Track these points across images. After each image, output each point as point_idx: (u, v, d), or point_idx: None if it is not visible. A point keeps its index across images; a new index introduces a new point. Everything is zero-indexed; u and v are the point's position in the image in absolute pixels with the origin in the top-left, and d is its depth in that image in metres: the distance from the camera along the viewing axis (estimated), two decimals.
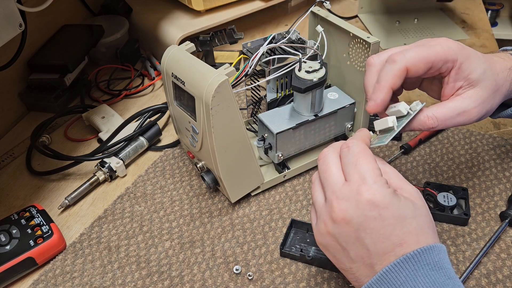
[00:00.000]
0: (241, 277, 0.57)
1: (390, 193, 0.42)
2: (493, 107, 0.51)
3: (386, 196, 0.41)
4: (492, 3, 1.83)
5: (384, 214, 0.41)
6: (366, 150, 0.45)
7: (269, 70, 0.64)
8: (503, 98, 0.53)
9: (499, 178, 0.67)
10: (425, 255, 0.40)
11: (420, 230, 0.42)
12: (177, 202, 0.67)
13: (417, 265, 0.40)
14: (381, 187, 0.42)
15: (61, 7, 0.93)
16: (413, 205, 0.43)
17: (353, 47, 0.66)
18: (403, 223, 0.41)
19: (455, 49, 0.49)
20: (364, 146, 0.45)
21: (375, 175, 0.43)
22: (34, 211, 0.63)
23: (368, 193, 0.42)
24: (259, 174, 0.64)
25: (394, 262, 0.40)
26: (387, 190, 0.42)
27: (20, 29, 0.64)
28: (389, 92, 0.49)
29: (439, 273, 0.40)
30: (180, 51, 0.60)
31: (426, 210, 0.44)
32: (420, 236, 0.42)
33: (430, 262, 0.40)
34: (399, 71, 0.48)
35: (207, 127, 0.56)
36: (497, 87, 0.50)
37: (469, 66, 0.49)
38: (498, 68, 0.51)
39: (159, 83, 0.93)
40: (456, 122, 0.49)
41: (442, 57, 0.49)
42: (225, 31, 0.90)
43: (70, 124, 0.83)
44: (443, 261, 0.41)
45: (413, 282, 0.40)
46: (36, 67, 0.85)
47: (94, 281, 0.57)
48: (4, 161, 0.76)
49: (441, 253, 0.42)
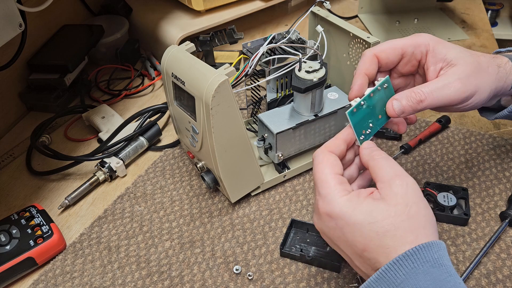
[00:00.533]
0: (241, 277, 0.57)
1: (343, 203, 0.43)
2: (480, 87, 0.51)
3: (336, 206, 0.43)
4: (492, 3, 1.83)
5: (340, 224, 0.43)
6: (323, 161, 0.46)
7: (269, 70, 0.64)
8: (493, 86, 0.52)
9: (499, 178, 0.67)
10: (424, 252, 0.40)
11: (401, 230, 0.41)
12: (177, 202, 0.67)
13: (416, 262, 0.40)
14: (333, 199, 0.44)
15: (61, 7, 0.93)
16: (384, 207, 0.42)
17: (353, 47, 0.66)
18: (362, 230, 0.42)
19: (425, 36, 0.53)
20: (322, 157, 0.47)
21: (327, 187, 0.45)
22: (34, 211, 0.63)
23: (322, 206, 0.44)
24: (259, 174, 0.64)
25: (393, 260, 0.40)
26: (339, 200, 0.43)
27: (20, 29, 0.64)
28: (363, 78, 0.52)
29: (440, 270, 0.40)
30: (180, 51, 0.60)
31: (417, 208, 0.42)
32: (408, 235, 0.41)
33: (430, 259, 0.40)
34: (368, 58, 0.53)
35: (207, 127, 0.56)
36: (480, 65, 0.51)
37: (443, 48, 0.52)
38: (482, 58, 0.52)
39: (159, 83, 0.93)
40: (443, 94, 0.50)
41: (412, 43, 0.53)
42: (225, 31, 0.90)
43: (70, 124, 0.83)
44: (443, 258, 0.41)
45: (413, 280, 0.39)
46: (36, 67, 0.85)
47: (94, 281, 0.57)
48: (4, 161, 0.76)
49: (440, 250, 0.41)
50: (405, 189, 0.43)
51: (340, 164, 0.47)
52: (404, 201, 0.42)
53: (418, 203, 0.43)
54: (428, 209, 0.43)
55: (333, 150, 0.48)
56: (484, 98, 0.52)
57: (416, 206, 0.42)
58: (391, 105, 0.50)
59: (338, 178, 0.45)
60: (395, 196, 0.43)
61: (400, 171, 0.45)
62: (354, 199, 0.44)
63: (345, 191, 0.44)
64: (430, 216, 0.43)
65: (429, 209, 0.44)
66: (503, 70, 0.53)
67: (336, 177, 0.45)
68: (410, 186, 0.43)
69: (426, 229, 0.42)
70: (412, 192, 0.43)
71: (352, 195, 0.44)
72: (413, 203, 0.42)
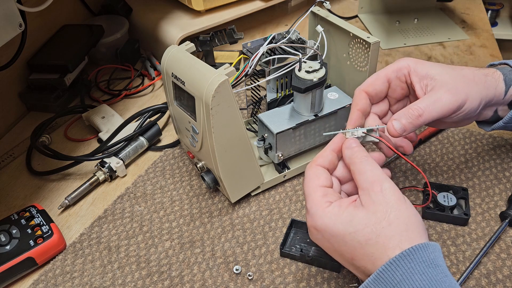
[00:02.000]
0: (241, 277, 0.57)
1: (324, 215, 0.45)
2: (469, 95, 0.53)
3: (319, 219, 0.45)
4: (492, 3, 1.83)
5: (326, 236, 0.45)
6: (310, 175, 0.48)
7: (269, 70, 0.64)
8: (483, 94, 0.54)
9: (499, 178, 0.67)
10: (420, 253, 0.40)
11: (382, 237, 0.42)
12: (177, 202, 0.67)
13: (413, 263, 0.40)
14: (316, 212, 0.45)
15: (61, 7, 0.93)
16: (363, 215, 0.43)
17: (353, 47, 0.66)
18: (345, 240, 0.43)
19: (405, 59, 0.56)
20: (309, 172, 0.49)
21: (311, 200, 0.46)
22: (34, 211, 0.63)
23: (308, 220, 0.47)
24: (259, 174, 0.64)
25: (390, 261, 0.40)
26: (321, 213, 0.45)
27: (20, 29, 0.64)
28: (357, 113, 0.54)
29: (436, 271, 0.40)
30: (180, 51, 0.60)
31: (396, 213, 0.42)
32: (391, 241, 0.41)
33: (426, 260, 0.40)
34: (358, 95, 0.55)
35: (207, 127, 0.56)
36: (464, 76, 0.53)
37: (423, 66, 0.54)
38: (465, 70, 0.55)
39: (159, 83, 0.93)
40: (437, 109, 0.51)
41: (393, 69, 0.55)
42: (225, 31, 0.90)
43: (70, 124, 0.83)
44: (438, 259, 0.41)
45: (410, 280, 0.39)
46: (36, 67, 0.85)
47: (94, 281, 0.57)
48: (4, 161, 0.76)
49: (436, 251, 0.41)
50: (383, 195, 0.44)
51: (326, 175, 0.49)
52: (383, 207, 0.43)
53: (398, 208, 0.43)
54: (409, 211, 0.43)
55: (321, 163, 0.49)
56: (475, 107, 0.53)
57: (396, 211, 0.43)
58: (392, 126, 0.51)
59: (321, 191, 0.47)
60: (373, 204, 0.43)
61: (378, 175, 0.45)
62: (335, 210, 0.45)
63: (327, 203, 0.45)
64: (412, 218, 0.43)
65: (411, 211, 0.44)
66: (491, 78, 0.55)
67: (320, 190, 0.47)
68: (388, 191, 0.44)
69: (409, 231, 0.42)
70: (391, 197, 0.43)
71: (333, 206, 0.45)
72: (392, 209, 0.43)
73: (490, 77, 0.55)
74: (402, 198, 0.44)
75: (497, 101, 0.56)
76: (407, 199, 0.45)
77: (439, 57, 0.95)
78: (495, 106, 0.58)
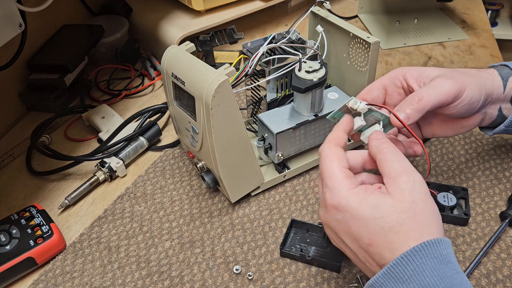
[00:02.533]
0: (241, 277, 0.57)
1: (350, 196, 0.43)
2: (468, 83, 0.54)
3: (343, 199, 0.44)
4: (492, 3, 1.83)
5: (346, 217, 0.43)
6: (330, 154, 0.47)
7: (269, 70, 0.64)
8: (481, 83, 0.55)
9: (499, 178, 0.67)
10: (432, 248, 0.40)
11: (406, 226, 0.41)
12: (177, 202, 0.67)
13: (424, 258, 0.40)
14: (340, 191, 0.44)
15: (61, 7, 0.93)
16: (390, 202, 0.42)
17: (353, 47, 0.66)
18: (368, 224, 0.42)
19: (399, 68, 0.57)
20: (329, 151, 0.47)
21: (335, 180, 0.45)
22: (34, 211, 0.63)
23: (329, 198, 0.45)
24: (259, 174, 0.64)
25: (401, 256, 0.40)
26: (347, 192, 0.44)
27: (20, 29, 0.64)
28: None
29: (447, 267, 0.40)
30: (180, 51, 0.60)
31: (423, 205, 0.42)
32: (414, 232, 0.41)
33: (437, 256, 0.40)
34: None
35: (207, 127, 0.56)
36: (460, 71, 0.55)
37: (418, 69, 0.56)
38: (459, 69, 0.56)
39: (159, 83, 0.93)
40: (436, 93, 0.52)
41: (388, 77, 0.57)
42: (225, 31, 0.90)
43: (70, 124, 0.83)
44: (450, 255, 0.41)
45: (421, 276, 0.39)
46: (36, 67, 0.85)
47: (94, 281, 0.57)
48: (4, 161, 0.76)
49: (448, 247, 0.41)
50: (412, 186, 0.43)
51: (346, 157, 0.47)
52: (410, 198, 0.42)
53: (425, 200, 0.43)
54: (434, 207, 0.43)
55: (338, 142, 0.48)
56: (476, 95, 0.54)
57: (423, 203, 0.42)
58: (395, 118, 0.51)
59: (345, 172, 0.46)
60: (402, 192, 0.43)
61: (408, 167, 0.45)
62: (361, 192, 0.44)
63: (352, 185, 0.44)
64: (436, 214, 0.43)
65: (435, 207, 0.44)
66: (485, 73, 0.57)
67: (344, 171, 0.46)
68: (417, 183, 0.43)
69: (432, 226, 0.42)
70: (419, 189, 0.43)
71: (359, 188, 0.44)
72: (420, 200, 0.42)
73: (484, 72, 0.57)
74: (429, 194, 0.44)
75: (497, 96, 0.56)
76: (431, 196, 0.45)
77: (439, 57, 0.95)
78: (498, 103, 0.58)
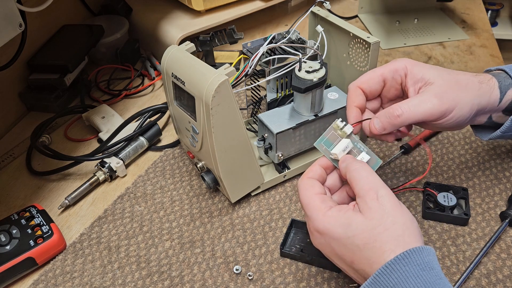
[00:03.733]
0: (241, 277, 0.57)
1: (326, 219, 0.46)
2: (459, 102, 0.52)
3: (321, 223, 0.46)
4: (492, 3, 1.83)
5: (327, 239, 0.46)
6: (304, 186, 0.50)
7: (269, 70, 0.64)
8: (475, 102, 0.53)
9: (499, 178, 0.67)
10: (415, 256, 0.41)
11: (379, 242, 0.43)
12: (177, 202, 0.67)
13: (408, 266, 0.41)
14: (317, 217, 0.47)
15: (61, 7, 0.93)
16: (361, 220, 0.44)
17: (353, 47, 0.66)
18: (345, 243, 0.45)
19: (402, 60, 0.55)
20: (302, 184, 0.50)
21: (311, 208, 0.47)
22: (34, 211, 0.63)
23: (311, 225, 0.48)
24: (259, 174, 0.64)
25: (386, 264, 0.41)
26: (323, 217, 0.46)
27: (20, 29, 0.64)
28: (355, 110, 0.54)
29: (430, 273, 0.41)
30: (180, 51, 0.60)
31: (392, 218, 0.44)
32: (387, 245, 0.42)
33: (420, 263, 0.41)
34: (353, 91, 0.55)
35: (207, 127, 0.56)
36: (458, 82, 0.53)
37: (420, 69, 0.54)
38: (461, 76, 0.54)
39: (159, 83, 0.93)
40: (420, 110, 0.52)
41: (390, 69, 0.55)
42: (225, 31, 0.90)
43: (70, 124, 0.83)
44: (433, 262, 0.42)
45: (405, 283, 0.40)
46: (36, 67, 0.85)
47: (94, 281, 0.57)
48: (4, 161, 0.76)
49: (430, 255, 0.42)
50: (379, 202, 0.45)
51: (319, 184, 0.50)
52: (378, 214, 0.44)
53: (394, 213, 0.44)
54: (404, 216, 0.45)
55: (312, 176, 0.51)
56: (465, 114, 0.53)
57: (391, 217, 0.44)
58: (372, 124, 0.53)
59: (319, 198, 0.48)
60: (370, 210, 0.45)
61: (373, 183, 0.46)
62: (335, 213, 0.46)
63: (327, 208, 0.47)
64: (408, 223, 0.44)
65: (407, 216, 0.45)
66: (486, 86, 0.55)
67: (318, 197, 0.48)
68: (384, 197, 0.45)
69: (404, 236, 0.43)
70: (387, 204, 0.45)
71: (333, 210, 0.46)
72: (388, 214, 0.44)
73: (485, 84, 0.55)
74: (398, 204, 0.45)
75: (491, 108, 0.55)
76: (403, 205, 0.46)
77: (439, 57, 0.95)
78: (489, 113, 0.57)
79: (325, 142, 0.53)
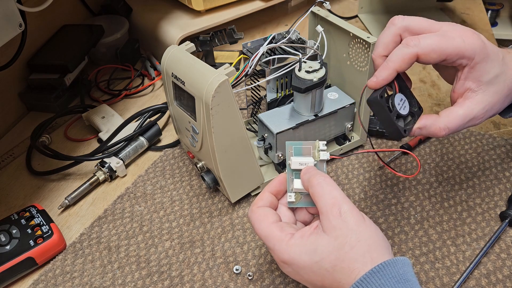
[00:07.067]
0: (241, 277, 0.57)
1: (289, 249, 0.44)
2: (501, 109, 0.52)
3: (285, 254, 0.44)
4: (492, 3, 1.83)
5: (294, 268, 0.44)
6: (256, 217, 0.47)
7: (269, 70, 0.64)
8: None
9: (499, 178, 0.67)
10: (389, 269, 0.40)
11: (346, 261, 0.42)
12: (177, 202, 0.67)
13: (383, 279, 0.40)
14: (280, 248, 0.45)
15: (61, 7, 0.93)
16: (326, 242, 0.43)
17: (353, 47, 0.66)
18: (313, 269, 0.43)
19: (475, 47, 0.48)
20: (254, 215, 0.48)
21: (271, 239, 0.45)
22: (34, 211, 0.63)
23: (275, 256, 0.46)
24: (259, 174, 0.64)
25: (361, 278, 0.40)
26: (285, 247, 0.44)
27: (20, 29, 0.64)
28: (393, 74, 0.48)
29: (405, 285, 0.40)
30: (180, 51, 0.60)
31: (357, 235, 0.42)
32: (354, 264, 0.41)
33: (395, 275, 0.40)
34: (409, 57, 0.48)
35: (207, 127, 0.56)
36: (509, 91, 0.50)
37: (483, 68, 0.48)
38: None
39: (159, 83, 0.93)
40: (465, 128, 0.51)
41: (459, 52, 0.48)
42: (225, 31, 0.90)
43: (70, 124, 0.83)
44: (408, 274, 0.41)
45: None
46: (36, 67, 0.85)
47: (94, 281, 0.57)
48: (4, 161, 0.76)
49: (405, 266, 0.41)
50: (342, 219, 0.43)
51: (272, 212, 0.48)
52: (343, 232, 0.43)
53: (358, 230, 0.43)
54: (369, 231, 0.43)
55: (263, 204, 0.49)
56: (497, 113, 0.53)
57: (356, 233, 0.42)
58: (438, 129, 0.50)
59: (277, 227, 0.46)
60: (334, 229, 0.43)
61: (336, 197, 0.44)
62: (298, 241, 0.44)
63: (288, 235, 0.45)
64: (374, 237, 0.43)
65: (371, 229, 0.43)
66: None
67: (275, 226, 0.46)
68: (347, 214, 0.43)
69: (371, 252, 0.42)
70: (351, 220, 0.43)
71: (296, 237, 0.45)
72: (353, 232, 0.43)
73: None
74: (361, 218, 0.44)
75: None
76: (366, 217, 0.44)
77: None
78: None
79: (297, 149, 0.50)
